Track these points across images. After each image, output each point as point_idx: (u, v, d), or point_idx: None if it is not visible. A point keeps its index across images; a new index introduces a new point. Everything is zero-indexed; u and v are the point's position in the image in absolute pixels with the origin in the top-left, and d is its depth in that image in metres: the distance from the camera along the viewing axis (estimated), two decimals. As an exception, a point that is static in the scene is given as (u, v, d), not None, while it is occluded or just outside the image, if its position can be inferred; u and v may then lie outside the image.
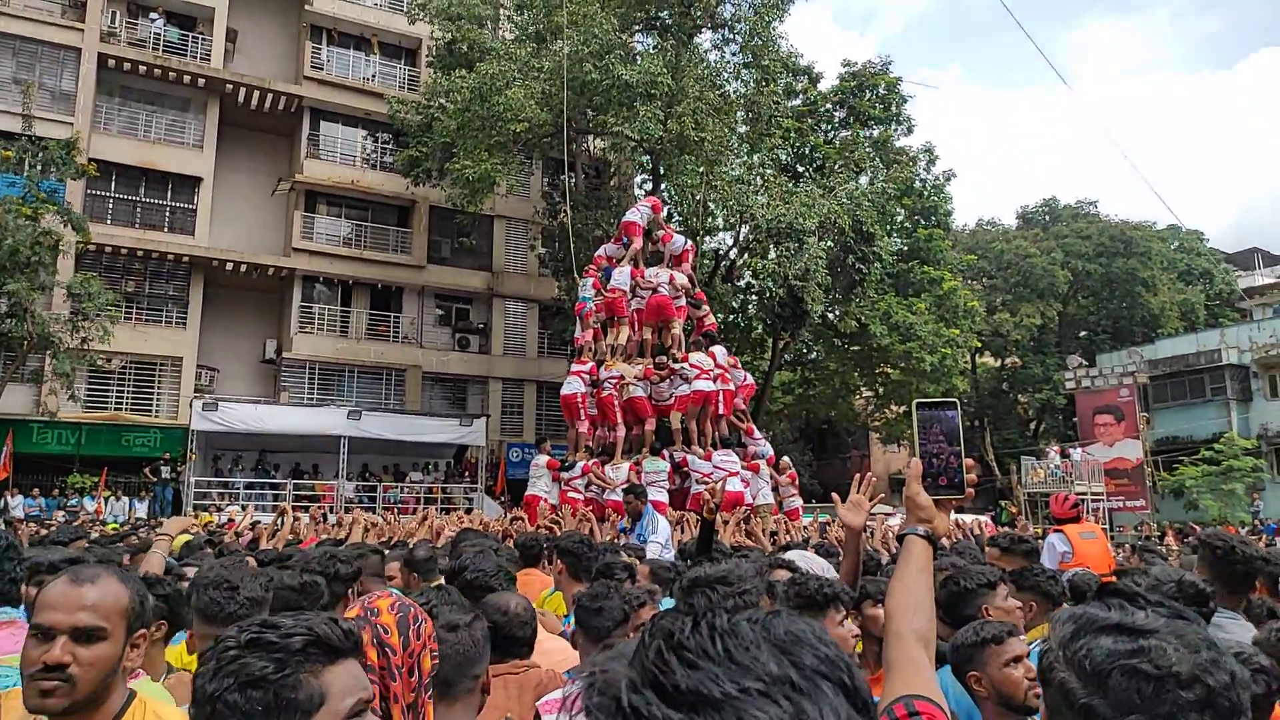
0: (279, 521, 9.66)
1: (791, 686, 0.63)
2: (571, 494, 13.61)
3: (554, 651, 3.25)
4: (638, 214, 16.46)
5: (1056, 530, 6.56)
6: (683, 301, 15.51)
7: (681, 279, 15.66)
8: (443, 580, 4.06)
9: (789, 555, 4.84)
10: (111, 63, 23.89)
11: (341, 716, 1.33)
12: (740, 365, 16.64)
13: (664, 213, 17.70)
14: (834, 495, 3.01)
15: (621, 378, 14.48)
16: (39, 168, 19.23)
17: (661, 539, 7.80)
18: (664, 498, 13.33)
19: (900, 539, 1.84)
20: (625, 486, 9.14)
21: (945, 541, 6.62)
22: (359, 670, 1.41)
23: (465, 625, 2.21)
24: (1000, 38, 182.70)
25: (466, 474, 25.24)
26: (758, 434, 16.07)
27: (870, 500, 2.92)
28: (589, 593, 2.96)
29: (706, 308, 16.41)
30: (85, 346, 19.37)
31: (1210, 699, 0.96)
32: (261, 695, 1.28)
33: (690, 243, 17.20)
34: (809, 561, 4.66)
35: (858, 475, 3.03)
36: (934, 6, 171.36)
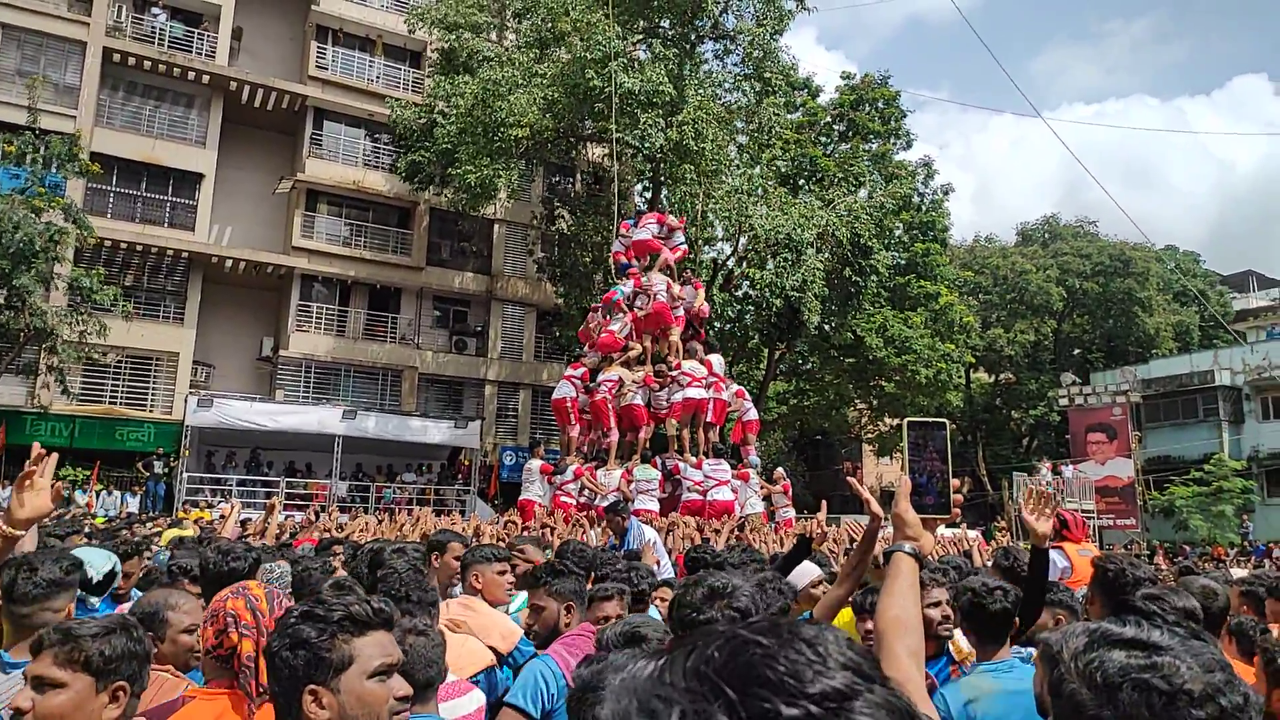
0: (268, 519, 9.70)
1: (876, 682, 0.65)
2: (564, 498, 13.61)
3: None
4: (647, 232, 16.29)
5: (1055, 546, 6.59)
6: (680, 310, 15.53)
7: (678, 287, 15.69)
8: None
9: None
10: (116, 57, 23.86)
11: (368, 674, 1.70)
12: (746, 395, 16.59)
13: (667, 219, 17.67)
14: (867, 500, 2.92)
15: (619, 381, 14.45)
16: (42, 163, 19.18)
17: (654, 548, 7.79)
18: (654, 505, 13.32)
19: (888, 556, 1.85)
20: (606, 506, 9.16)
21: (934, 556, 6.64)
22: (388, 639, 1.78)
23: (428, 628, 2.52)
24: (969, 63, 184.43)
25: (460, 476, 25.21)
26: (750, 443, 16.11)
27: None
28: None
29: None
30: (83, 340, 19.33)
31: (1222, 719, 0.97)
32: (305, 654, 1.67)
33: (685, 245, 17.17)
34: (802, 570, 4.69)
35: (853, 482, 3.06)
36: (898, 34, 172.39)
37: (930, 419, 2.10)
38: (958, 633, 3.56)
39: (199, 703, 2.23)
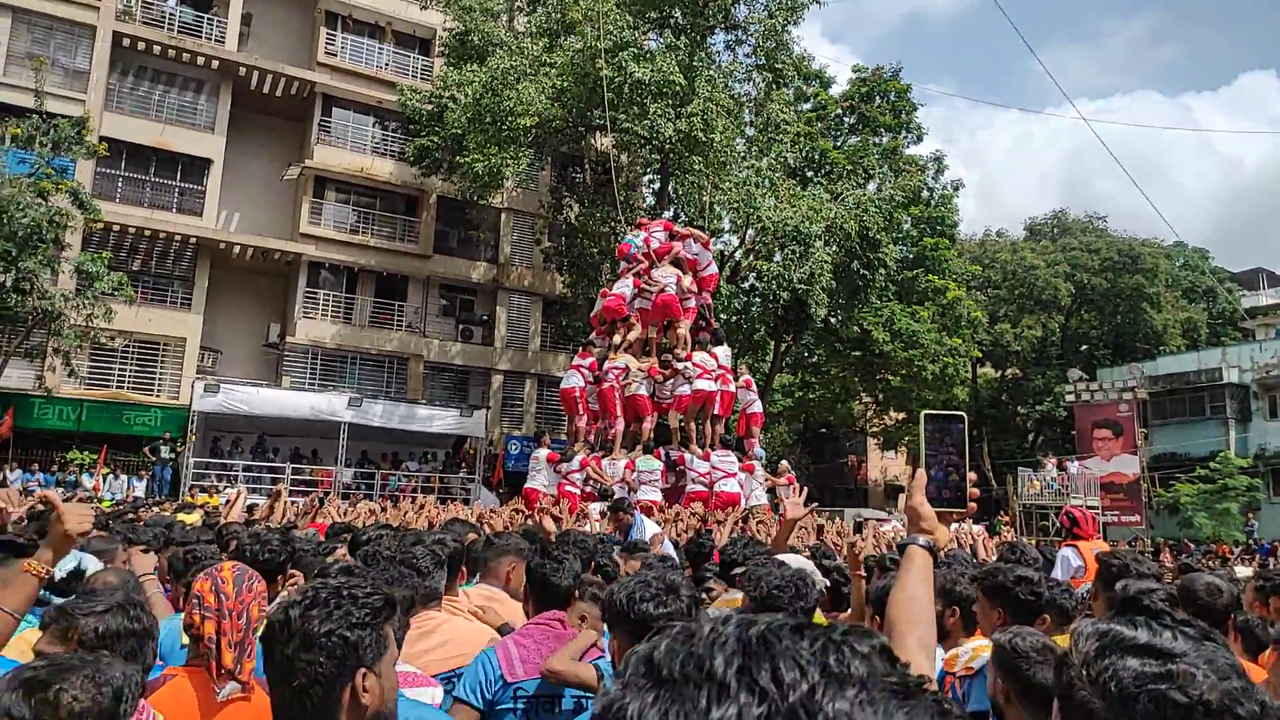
0: (273, 506, 9.74)
1: (718, 685, 0.62)
2: (569, 488, 13.64)
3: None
4: (656, 240, 16.27)
5: (1069, 545, 6.58)
6: (691, 303, 15.52)
7: (688, 280, 15.67)
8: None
9: (782, 558, 4.83)
10: (126, 41, 23.85)
11: (394, 659, 1.74)
12: (753, 387, 16.56)
13: (673, 223, 17.70)
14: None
15: (626, 369, 14.47)
16: (50, 145, 19.15)
17: (663, 543, 7.80)
18: (657, 496, 13.35)
19: (901, 549, 1.84)
20: (610, 504, 9.19)
21: (943, 551, 6.63)
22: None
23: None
24: (972, 58, 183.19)
25: (464, 465, 25.24)
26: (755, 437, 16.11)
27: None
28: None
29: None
30: (90, 324, 19.37)
31: None
32: (367, 635, 1.66)
33: (695, 255, 17.17)
34: (798, 564, 4.67)
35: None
36: (901, 29, 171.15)
37: (948, 412, 2.07)
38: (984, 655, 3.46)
39: (177, 680, 2.28)
